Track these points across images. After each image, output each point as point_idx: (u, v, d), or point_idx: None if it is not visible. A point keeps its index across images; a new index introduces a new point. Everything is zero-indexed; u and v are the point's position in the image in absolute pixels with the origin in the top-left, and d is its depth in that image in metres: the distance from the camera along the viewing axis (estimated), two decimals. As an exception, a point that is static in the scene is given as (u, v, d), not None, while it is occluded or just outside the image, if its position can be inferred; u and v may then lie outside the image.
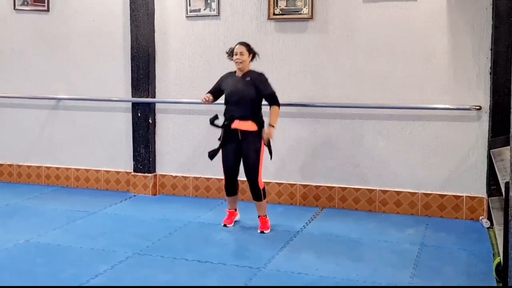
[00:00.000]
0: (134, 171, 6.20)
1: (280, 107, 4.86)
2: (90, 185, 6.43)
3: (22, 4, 6.49)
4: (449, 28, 5.17)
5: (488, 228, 4.96)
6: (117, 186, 6.34)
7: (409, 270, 4.05)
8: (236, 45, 4.87)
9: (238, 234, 4.86)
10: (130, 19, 6.04)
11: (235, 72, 4.92)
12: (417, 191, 5.36)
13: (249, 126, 4.77)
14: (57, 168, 6.54)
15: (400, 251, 4.45)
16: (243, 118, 4.76)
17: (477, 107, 5.09)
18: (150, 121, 6.10)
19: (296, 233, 4.87)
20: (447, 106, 5.20)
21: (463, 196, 5.24)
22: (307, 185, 5.68)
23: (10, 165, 6.75)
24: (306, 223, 5.16)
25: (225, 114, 4.87)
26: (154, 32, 6.05)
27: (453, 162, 5.26)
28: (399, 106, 5.32)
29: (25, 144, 6.66)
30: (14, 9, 6.53)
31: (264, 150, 4.83)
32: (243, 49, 4.82)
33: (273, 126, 4.77)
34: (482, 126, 5.14)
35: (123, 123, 6.27)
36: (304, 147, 5.67)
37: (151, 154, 6.14)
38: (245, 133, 4.78)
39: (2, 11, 6.60)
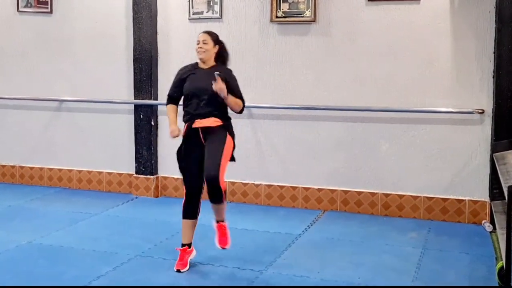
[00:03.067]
0: (136, 173, 6.20)
1: (244, 109, 4.16)
2: (93, 187, 6.43)
3: (26, 6, 6.50)
4: (452, 31, 5.17)
5: (490, 232, 4.95)
6: (119, 188, 6.34)
7: (411, 273, 4.04)
8: (200, 33, 4.22)
9: (239, 236, 4.85)
10: (133, 21, 6.04)
11: (196, 64, 4.23)
12: (419, 195, 5.35)
13: (212, 122, 4.02)
14: (60, 170, 6.55)
15: (402, 254, 4.44)
16: (205, 115, 4.01)
17: (480, 111, 5.09)
18: (152, 123, 6.10)
19: (298, 236, 4.86)
20: (449, 109, 5.19)
21: (465, 199, 5.23)
22: (309, 188, 5.68)
23: (12, 166, 6.76)
24: (308, 226, 5.16)
25: (185, 115, 4.12)
26: (156, 34, 6.06)
27: (456, 166, 5.25)
28: (401, 109, 5.32)
29: (28, 145, 6.67)
30: (18, 10, 6.54)
31: (232, 148, 4.08)
32: (207, 37, 4.15)
33: (227, 95, 3.96)
34: (485, 130, 5.13)
35: (126, 125, 6.27)
36: (306, 149, 5.67)
37: (153, 156, 6.14)
38: (207, 130, 4.01)
39: (5, 12, 6.61)
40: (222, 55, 4.24)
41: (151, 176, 6.13)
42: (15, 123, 6.69)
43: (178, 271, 4.04)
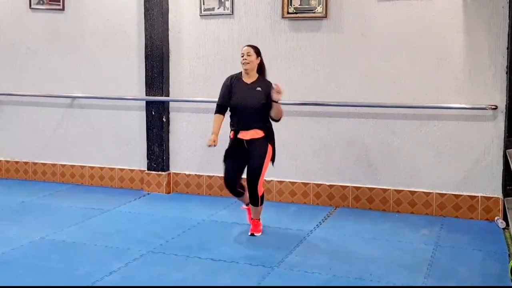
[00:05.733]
0: (148, 169, 6.23)
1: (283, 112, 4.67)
2: (105, 183, 6.47)
3: (38, 3, 6.54)
4: (464, 27, 5.13)
5: (503, 228, 4.91)
6: (131, 184, 6.37)
7: (423, 270, 4.03)
8: (244, 47, 4.72)
9: (251, 233, 4.87)
10: (144, 18, 6.06)
11: (240, 74, 4.73)
12: (432, 191, 5.33)
13: (254, 134, 4.62)
14: (72, 166, 6.59)
15: (414, 251, 4.42)
16: (249, 127, 4.60)
17: (493, 107, 5.05)
18: (164, 119, 6.12)
19: (309, 232, 4.86)
20: (462, 105, 5.15)
21: (478, 196, 5.20)
22: (321, 184, 5.67)
23: (25, 163, 6.81)
24: (320, 222, 5.15)
25: (231, 123, 4.72)
26: (168, 31, 6.07)
27: (469, 162, 5.21)
28: (413, 105, 5.29)
29: (40, 142, 6.71)
30: (30, 8, 6.59)
31: (271, 156, 4.69)
32: (251, 50, 4.64)
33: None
34: (498, 126, 5.09)
35: (137, 121, 6.30)
36: (318, 146, 5.66)
37: (165, 152, 6.16)
38: (250, 141, 4.63)
39: (18, 10, 6.66)
40: (261, 68, 4.72)
41: (163, 173, 6.15)
42: (28, 119, 6.74)
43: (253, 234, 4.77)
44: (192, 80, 6.05)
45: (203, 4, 5.90)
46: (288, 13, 5.59)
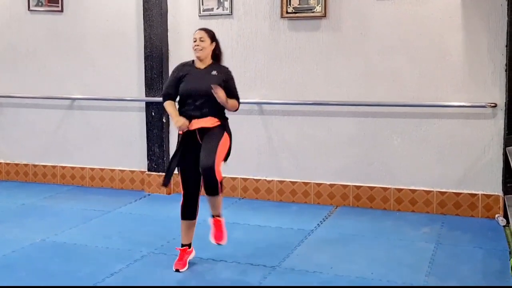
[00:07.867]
0: (149, 170, 6.23)
1: (239, 107, 4.12)
2: (105, 184, 6.47)
3: (37, 5, 6.54)
4: (463, 25, 5.13)
5: (504, 226, 4.92)
6: (131, 185, 6.37)
7: (424, 268, 4.03)
8: (196, 30, 4.13)
9: (252, 232, 4.86)
10: (143, 19, 6.06)
11: (192, 62, 4.12)
12: (432, 189, 5.33)
13: (209, 122, 3.94)
14: (72, 168, 6.59)
15: (415, 249, 4.43)
16: (202, 116, 3.94)
17: (492, 105, 5.05)
18: (164, 120, 6.12)
19: (310, 232, 4.86)
20: (462, 103, 5.16)
21: (478, 194, 5.20)
22: (321, 183, 5.67)
23: (25, 165, 6.81)
24: (321, 221, 5.16)
25: (183, 113, 4.01)
26: (167, 32, 6.07)
27: (469, 160, 5.22)
28: (413, 104, 5.29)
29: (41, 143, 6.71)
30: (29, 9, 6.58)
31: (228, 145, 4.02)
32: (204, 34, 4.04)
33: (226, 101, 3.93)
34: (497, 124, 5.10)
35: (137, 122, 6.30)
36: (318, 145, 5.66)
37: (165, 153, 6.16)
38: (204, 130, 3.94)
39: (16, 11, 6.65)
40: (215, 53, 4.13)
41: (163, 173, 6.13)
42: (28, 121, 6.74)
43: (177, 270, 4.01)
44: (191, 81, 6.04)
45: (202, 4, 5.90)
46: (287, 12, 5.59)
